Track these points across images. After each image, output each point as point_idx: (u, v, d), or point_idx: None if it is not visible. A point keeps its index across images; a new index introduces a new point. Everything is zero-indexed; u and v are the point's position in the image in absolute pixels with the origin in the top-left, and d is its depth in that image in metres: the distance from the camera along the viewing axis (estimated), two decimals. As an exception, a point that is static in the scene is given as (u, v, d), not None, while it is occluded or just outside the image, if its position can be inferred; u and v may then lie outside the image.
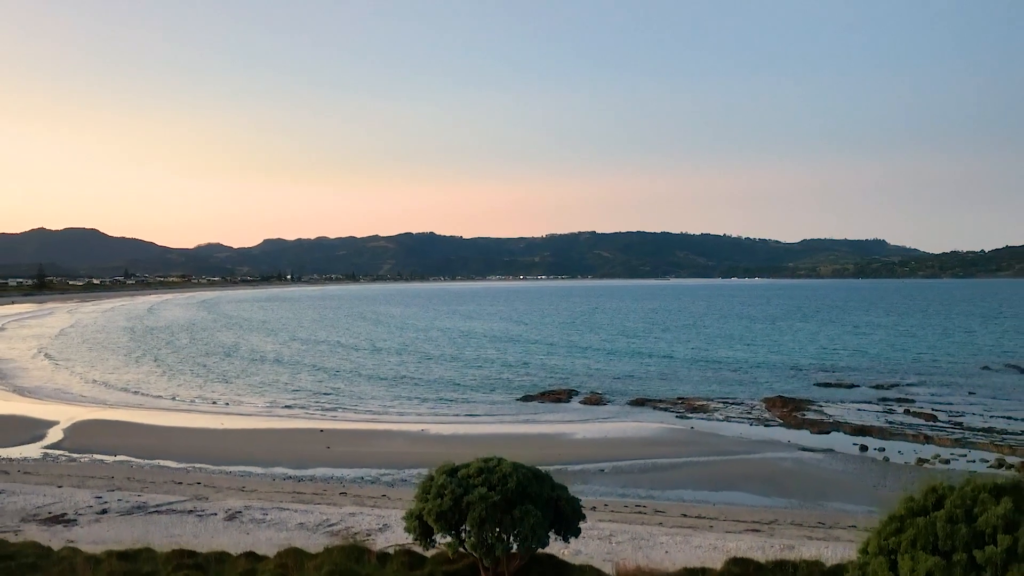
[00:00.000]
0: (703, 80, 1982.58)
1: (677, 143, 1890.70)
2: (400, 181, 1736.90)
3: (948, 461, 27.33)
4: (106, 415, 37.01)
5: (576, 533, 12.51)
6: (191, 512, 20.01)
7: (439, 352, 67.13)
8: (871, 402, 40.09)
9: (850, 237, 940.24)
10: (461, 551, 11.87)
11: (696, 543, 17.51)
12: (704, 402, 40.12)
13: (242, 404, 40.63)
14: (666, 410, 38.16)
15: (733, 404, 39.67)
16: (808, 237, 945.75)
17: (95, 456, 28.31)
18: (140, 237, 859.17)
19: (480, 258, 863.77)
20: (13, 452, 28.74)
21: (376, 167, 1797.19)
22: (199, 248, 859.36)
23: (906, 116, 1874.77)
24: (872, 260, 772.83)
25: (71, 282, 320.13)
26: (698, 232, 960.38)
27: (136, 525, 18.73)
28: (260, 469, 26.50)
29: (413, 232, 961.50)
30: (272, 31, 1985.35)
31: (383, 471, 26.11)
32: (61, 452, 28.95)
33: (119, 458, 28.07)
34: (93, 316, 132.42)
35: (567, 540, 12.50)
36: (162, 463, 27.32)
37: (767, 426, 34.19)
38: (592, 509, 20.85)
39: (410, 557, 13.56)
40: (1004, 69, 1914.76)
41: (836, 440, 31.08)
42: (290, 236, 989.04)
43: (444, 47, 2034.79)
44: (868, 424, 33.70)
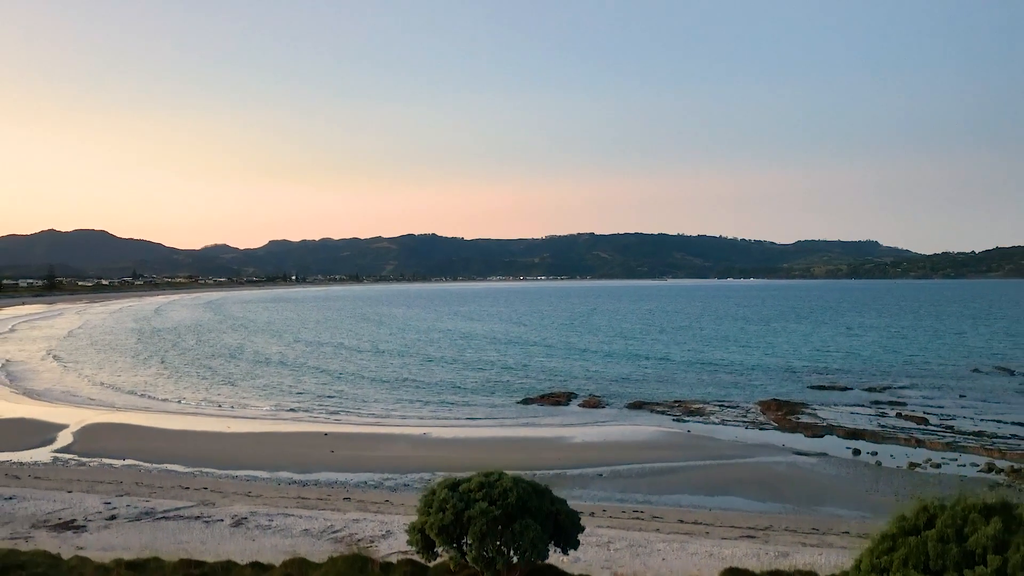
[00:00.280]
0: (699, 85, 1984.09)
1: (674, 146, 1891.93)
2: (403, 183, 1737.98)
3: (939, 465, 27.35)
4: (115, 418, 37.01)
5: (575, 545, 12.53)
6: (198, 518, 20.02)
7: (440, 354, 67.13)
8: (864, 405, 40.09)
9: (843, 238, 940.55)
10: (463, 563, 11.91)
11: (692, 550, 17.52)
12: (700, 405, 40.11)
13: (247, 407, 40.60)
14: (663, 413, 38.15)
15: (729, 407, 39.68)
16: (802, 238, 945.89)
17: (104, 460, 28.30)
18: (148, 238, 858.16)
19: (481, 259, 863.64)
20: (24, 456, 28.74)
21: (379, 170, 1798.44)
22: (206, 249, 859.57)
23: (898, 120, 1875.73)
24: (865, 261, 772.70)
25: (80, 283, 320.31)
26: (695, 233, 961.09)
27: (144, 531, 18.74)
28: (265, 473, 26.51)
29: (415, 233, 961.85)
30: (277, 38, 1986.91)
31: (386, 475, 26.11)
32: (71, 456, 28.93)
33: (127, 462, 28.08)
34: (101, 317, 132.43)
35: (566, 552, 12.53)
36: (170, 467, 27.32)
37: (762, 429, 34.20)
38: (591, 515, 20.90)
39: (412, 567, 13.56)
40: (994, 74, 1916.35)
41: (830, 444, 31.11)
42: (295, 237, 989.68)
43: (446, 53, 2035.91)
44: (861, 427, 33.72)
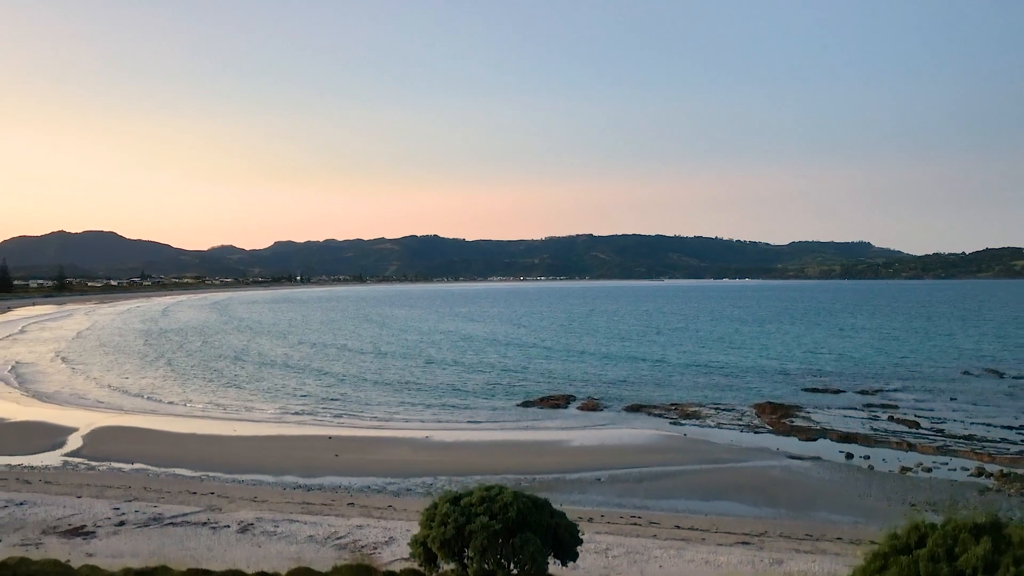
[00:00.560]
0: (695, 90, 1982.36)
1: (671, 149, 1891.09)
2: (405, 185, 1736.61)
3: (930, 469, 27.35)
4: (123, 421, 37.01)
5: (574, 557, 12.54)
6: (205, 524, 20.03)
7: (441, 356, 67.09)
8: (856, 408, 40.07)
9: (837, 239, 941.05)
10: None
11: (689, 557, 17.53)
12: (696, 408, 40.10)
13: (253, 410, 40.58)
14: (660, 416, 38.14)
15: (724, 410, 39.65)
16: (796, 239, 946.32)
17: (113, 464, 28.32)
18: (156, 239, 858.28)
19: (482, 260, 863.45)
20: (35, 460, 28.75)
21: (382, 172, 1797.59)
22: (212, 250, 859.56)
23: (890, 124, 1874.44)
24: (858, 261, 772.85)
25: (90, 283, 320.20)
26: (691, 235, 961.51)
27: (152, 538, 18.75)
28: (271, 478, 26.51)
29: (418, 234, 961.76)
30: (282, 43, 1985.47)
31: (389, 480, 26.09)
32: (80, 460, 28.95)
33: (136, 466, 28.09)
34: (110, 318, 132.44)
35: (565, 564, 12.54)
36: (177, 471, 27.32)
37: (757, 433, 34.19)
38: (589, 520, 20.91)
39: (415, 577, 13.59)
40: (984, 79, 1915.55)
41: (823, 447, 31.10)
42: (299, 238, 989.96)
43: (447, 58, 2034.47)
44: (853, 431, 33.70)
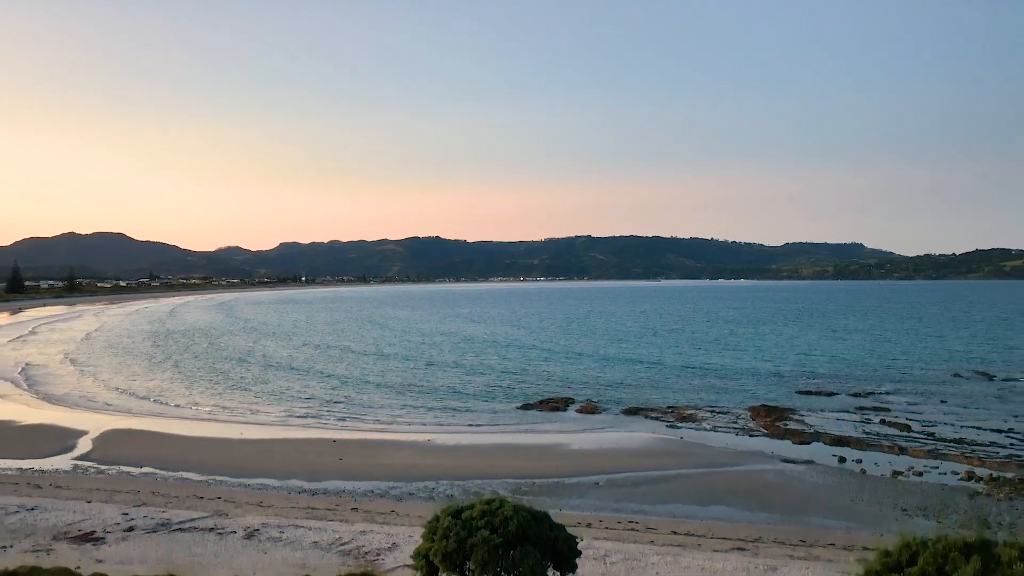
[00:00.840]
0: (692, 94, 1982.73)
1: (668, 153, 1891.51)
2: (408, 188, 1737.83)
3: (921, 473, 27.36)
4: (131, 424, 37.01)
5: (572, 569, 12.53)
6: (212, 530, 20.04)
7: (442, 358, 67.07)
8: (849, 411, 40.08)
9: (830, 241, 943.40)
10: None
11: (685, 564, 17.53)
12: (693, 411, 40.10)
13: (258, 413, 40.57)
14: (657, 419, 38.14)
15: (720, 413, 39.65)
16: (791, 241, 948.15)
17: (122, 468, 28.30)
18: (164, 240, 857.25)
19: (483, 260, 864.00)
20: (46, 464, 28.76)
21: (385, 174, 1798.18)
22: (219, 251, 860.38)
23: (882, 128, 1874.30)
24: (850, 262, 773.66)
25: (99, 284, 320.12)
26: (687, 236, 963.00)
27: (161, 544, 18.76)
28: (276, 482, 26.50)
29: (420, 236, 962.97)
30: (287, 49, 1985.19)
31: (392, 484, 26.08)
32: (90, 464, 28.94)
33: (144, 470, 28.07)
34: (118, 319, 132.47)
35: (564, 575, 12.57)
36: (185, 475, 27.31)
37: (751, 436, 34.18)
38: (588, 526, 20.93)
39: (417, 587, 13.59)
40: (973, 84, 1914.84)
41: (816, 451, 31.11)
42: (304, 239, 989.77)
43: (449, 64, 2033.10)
44: (846, 434, 33.71)
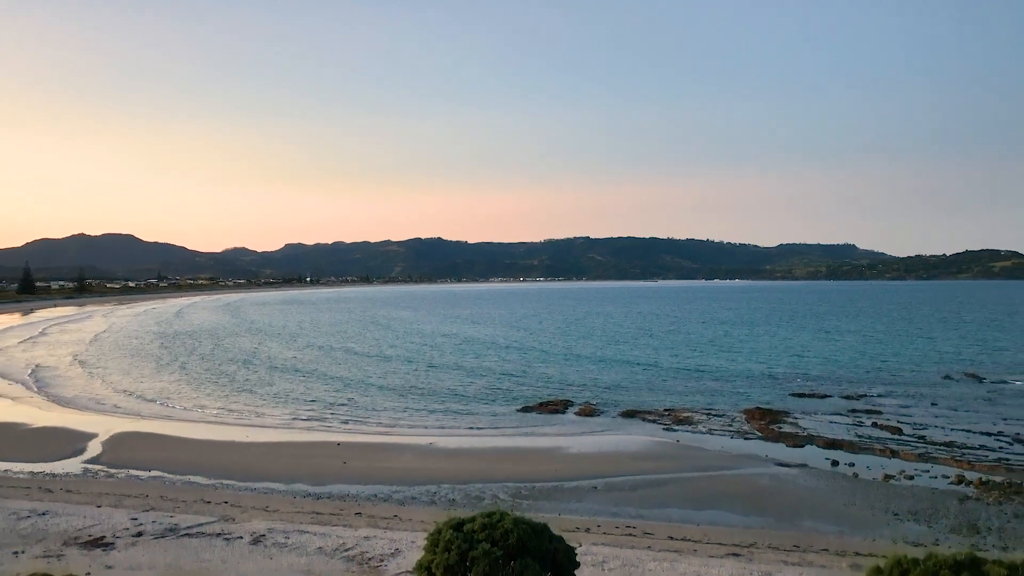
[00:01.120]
0: (687, 99, 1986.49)
1: (664, 156, 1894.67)
2: (410, 190, 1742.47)
3: (912, 477, 27.35)
4: (140, 427, 37.00)
5: (571, 580, 12.58)
6: (219, 535, 20.03)
7: (443, 360, 67.02)
8: (841, 413, 40.06)
9: (823, 242, 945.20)
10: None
11: (681, 569, 17.52)
12: (689, 413, 40.09)
13: (264, 416, 40.53)
14: (654, 422, 38.13)
15: (715, 416, 39.63)
16: (784, 242, 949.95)
17: (131, 471, 28.29)
18: (172, 242, 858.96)
19: (483, 261, 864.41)
20: (56, 467, 28.76)
21: (388, 177, 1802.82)
22: (226, 252, 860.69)
23: (873, 132, 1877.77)
24: (843, 263, 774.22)
25: (108, 284, 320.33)
26: (684, 237, 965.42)
27: (169, 549, 18.75)
28: (282, 486, 26.50)
29: (422, 237, 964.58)
30: (292, 54, 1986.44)
31: (395, 488, 26.08)
32: (100, 467, 28.91)
33: (153, 473, 28.07)
34: (126, 320, 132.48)
35: (563, 587, 12.56)
36: (192, 479, 27.30)
37: (746, 439, 34.15)
38: (587, 531, 20.97)
39: (420, 595, 13.60)
40: (963, 88, 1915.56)
41: (810, 454, 31.09)
42: (309, 241, 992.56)
43: (451, 69, 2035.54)
44: (839, 438, 33.69)
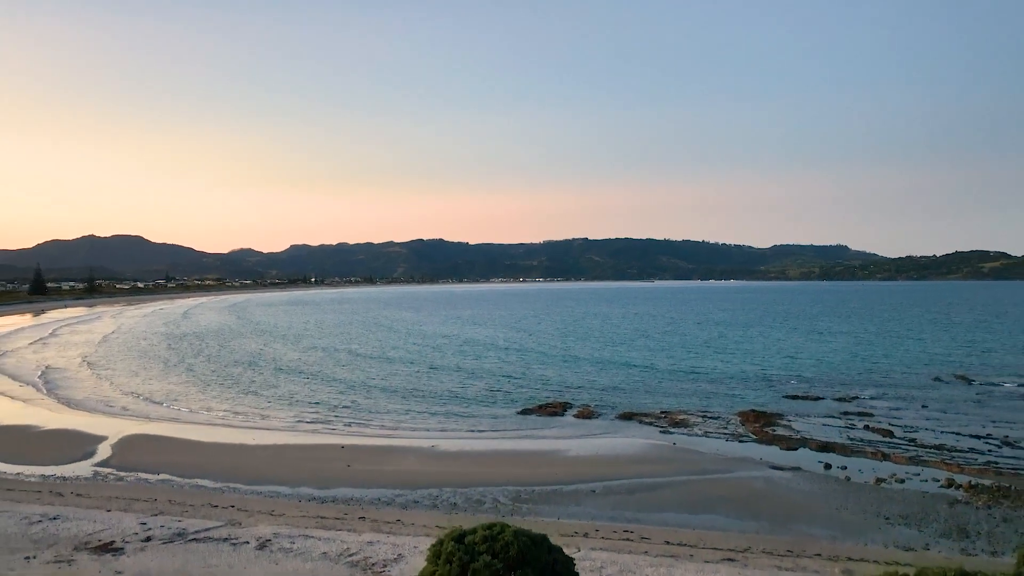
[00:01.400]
0: (683, 103, 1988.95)
1: (661, 159, 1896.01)
2: (412, 192, 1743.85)
3: (903, 480, 27.34)
4: (148, 429, 36.98)
5: (570, 590, 12.58)
6: (226, 540, 20.02)
7: (444, 362, 66.93)
8: (834, 416, 40.03)
9: (816, 243, 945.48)
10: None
11: (678, 575, 17.53)
12: (685, 416, 40.05)
13: (269, 418, 40.45)
14: (651, 424, 38.10)
15: (711, 418, 39.60)
16: (778, 243, 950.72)
17: (140, 474, 28.29)
18: (180, 243, 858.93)
19: (484, 262, 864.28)
20: (67, 470, 28.75)
21: (391, 179, 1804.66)
22: (232, 253, 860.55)
23: (864, 135, 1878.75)
24: (835, 264, 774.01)
25: (118, 285, 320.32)
26: (679, 238, 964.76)
27: (177, 554, 18.75)
28: (287, 489, 26.49)
29: (424, 238, 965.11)
30: (297, 60, 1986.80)
31: (397, 491, 26.04)
32: (110, 470, 28.90)
33: (161, 476, 28.07)
34: (135, 321, 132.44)
35: (562, 598, 12.56)
36: (200, 482, 27.28)
37: (741, 442, 34.12)
38: (585, 536, 20.96)
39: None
40: (953, 92, 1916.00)
41: (803, 457, 31.06)
42: (314, 242, 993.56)
43: (452, 74, 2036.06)
44: (831, 440, 33.68)
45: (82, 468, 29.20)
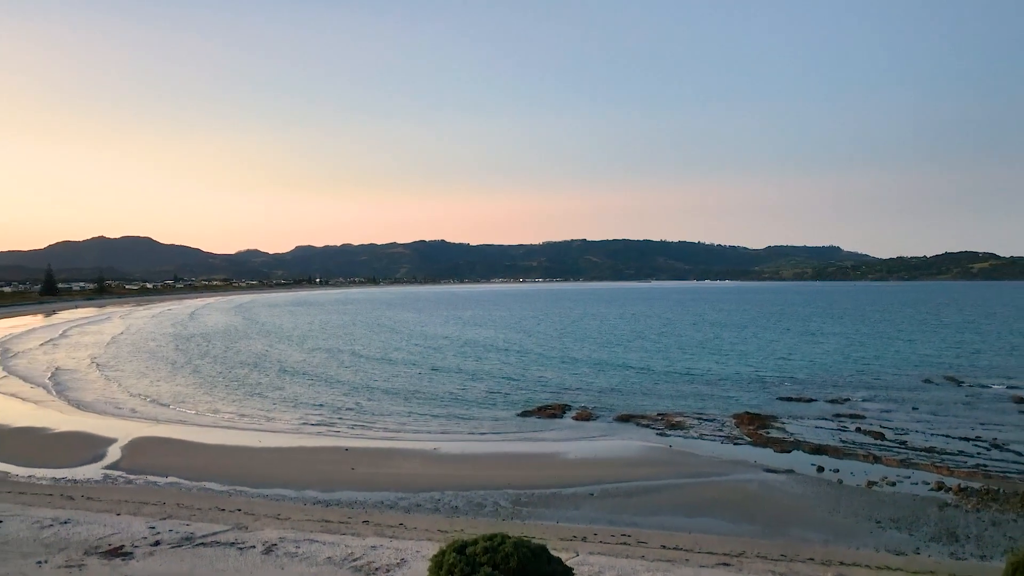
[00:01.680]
0: (679, 107, 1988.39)
1: (657, 162, 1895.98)
2: (415, 194, 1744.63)
3: (894, 483, 27.31)
4: (157, 431, 36.98)
5: (569, 600, 12.60)
6: (232, 544, 20.02)
7: (445, 364, 66.90)
8: (827, 418, 40.02)
9: (809, 244, 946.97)
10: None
11: (674, 580, 17.53)
12: (681, 418, 40.05)
13: (274, 420, 40.46)
14: (648, 426, 38.09)
15: (706, 420, 39.59)
16: (772, 244, 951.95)
17: (149, 477, 28.28)
18: (187, 244, 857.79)
19: (485, 262, 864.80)
20: (78, 473, 28.77)
21: (394, 182, 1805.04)
22: (239, 253, 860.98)
23: (856, 138, 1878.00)
24: (828, 264, 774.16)
25: (127, 286, 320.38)
26: (676, 239, 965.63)
27: (185, 559, 18.75)
28: (293, 492, 26.49)
29: (427, 239, 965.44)
30: (302, 65, 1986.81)
31: (400, 495, 26.05)
32: (119, 473, 28.91)
33: (169, 479, 28.05)
34: (143, 321, 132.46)
35: (561, 607, 12.58)
36: (208, 485, 27.28)
37: (736, 444, 34.13)
38: (583, 540, 20.95)
39: (425, 612, 13.62)
40: (942, 94, 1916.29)
41: (796, 460, 31.05)
42: (318, 243, 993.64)
43: (453, 78, 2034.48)
44: (824, 443, 33.66)
45: (92, 471, 29.21)
